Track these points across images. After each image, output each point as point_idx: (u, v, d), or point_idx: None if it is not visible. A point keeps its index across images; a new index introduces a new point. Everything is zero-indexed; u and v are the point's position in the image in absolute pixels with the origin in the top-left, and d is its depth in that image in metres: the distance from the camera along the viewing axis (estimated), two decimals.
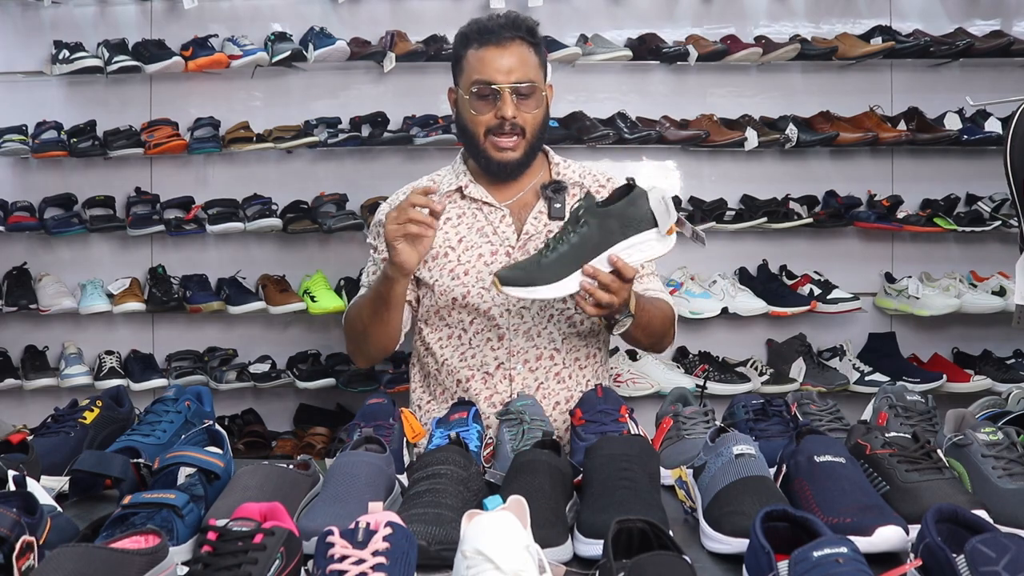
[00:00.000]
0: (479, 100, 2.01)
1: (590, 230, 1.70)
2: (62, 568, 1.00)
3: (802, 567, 1.01)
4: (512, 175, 2.09)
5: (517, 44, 2.01)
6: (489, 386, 2.06)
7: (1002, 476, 1.37)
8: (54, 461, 1.57)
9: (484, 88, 2.00)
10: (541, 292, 1.69)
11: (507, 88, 1.98)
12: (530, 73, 2.01)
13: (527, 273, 1.69)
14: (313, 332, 3.45)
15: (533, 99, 2.01)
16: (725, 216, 3.35)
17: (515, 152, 2.03)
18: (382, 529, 1.06)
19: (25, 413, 3.14)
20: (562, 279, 1.69)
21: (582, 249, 1.70)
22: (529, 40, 2.03)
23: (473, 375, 2.07)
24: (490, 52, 2.00)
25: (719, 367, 3.29)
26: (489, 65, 1.99)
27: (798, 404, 1.83)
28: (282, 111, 3.39)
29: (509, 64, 1.99)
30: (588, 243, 1.70)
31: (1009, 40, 3.27)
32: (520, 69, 1.99)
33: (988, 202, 3.33)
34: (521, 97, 2.00)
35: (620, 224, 1.70)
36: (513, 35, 2.01)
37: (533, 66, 2.03)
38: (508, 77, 1.98)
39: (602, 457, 1.40)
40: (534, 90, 2.01)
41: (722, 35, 3.37)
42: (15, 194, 3.34)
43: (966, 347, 3.43)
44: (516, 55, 2.00)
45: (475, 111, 2.02)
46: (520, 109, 2.00)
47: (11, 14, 3.42)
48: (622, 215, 1.70)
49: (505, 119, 1.98)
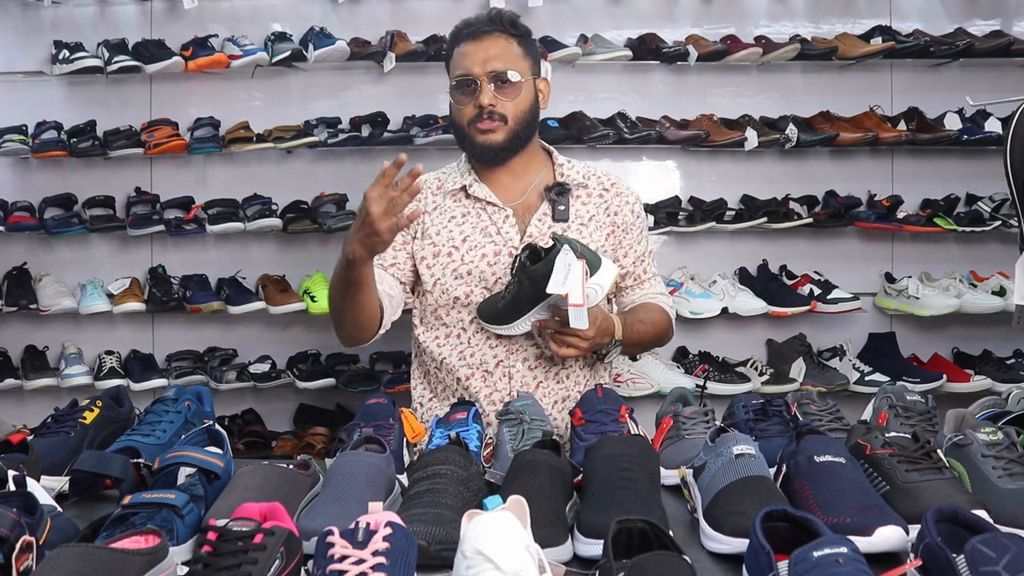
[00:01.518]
0: (460, 92, 2.05)
1: (523, 287, 1.90)
2: (62, 568, 1.00)
3: (802, 567, 1.01)
4: (498, 160, 2.08)
5: (495, 36, 2.05)
6: (489, 384, 2.06)
7: (1002, 476, 1.37)
8: (54, 461, 1.57)
9: (463, 79, 2.04)
10: (504, 330, 1.99)
11: (484, 77, 2.01)
12: (509, 62, 2.04)
13: (492, 311, 1.99)
14: (313, 332, 3.45)
15: (513, 88, 2.03)
16: (725, 216, 3.35)
17: (496, 135, 2.04)
18: (382, 529, 1.06)
19: (25, 413, 3.14)
20: (515, 321, 1.96)
21: (522, 302, 1.92)
22: (511, 32, 2.07)
23: (473, 373, 2.07)
24: (469, 46, 2.05)
25: (719, 367, 3.29)
26: (467, 58, 2.04)
27: (798, 404, 1.83)
28: (282, 111, 3.39)
29: (485, 55, 2.03)
30: (524, 297, 1.91)
31: (1009, 40, 3.27)
32: (497, 59, 2.03)
33: (988, 202, 3.33)
34: (500, 86, 2.02)
35: (534, 288, 1.88)
36: (491, 28, 2.06)
37: (513, 56, 2.05)
38: (484, 67, 2.02)
39: (602, 457, 1.40)
40: (512, 78, 2.02)
41: (722, 35, 3.37)
42: (15, 194, 3.34)
43: (966, 347, 3.43)
44: (494, 46, 2.04)
45: (458, 103, 2.07)
46: (499, 97, 2.02)
47: (11, 14, 3.42)
48: (536, 280, 1.86)
49: (483, 107, 2.01)
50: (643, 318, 2.09)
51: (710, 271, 3.38)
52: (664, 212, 3.33)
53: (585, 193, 2.14)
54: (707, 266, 3.41)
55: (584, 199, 2.14)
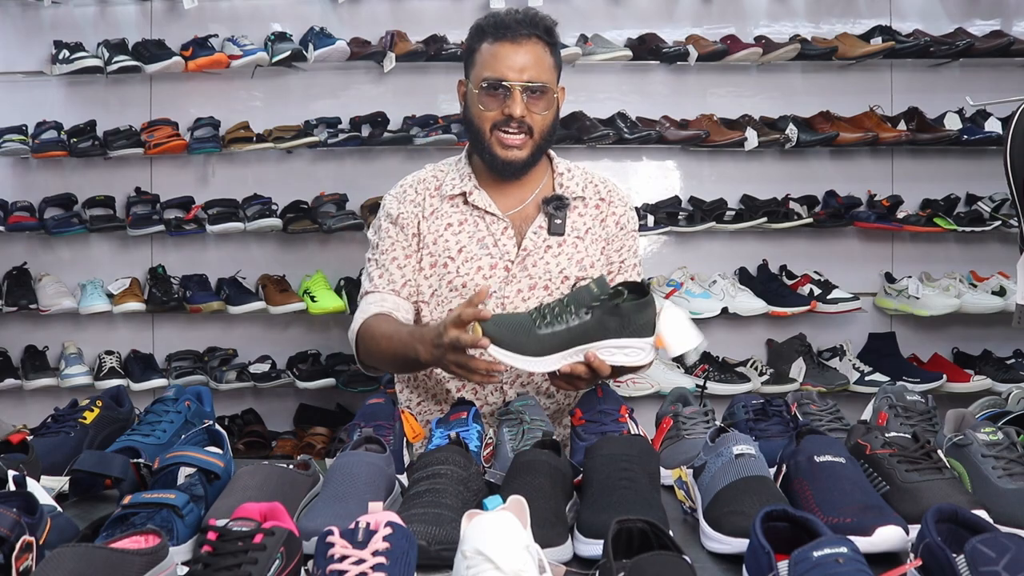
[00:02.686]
0: (488, 96, 1.94)
1: (592, 320, 1.63)
2: (62, 568, 1.00)
3: (802, 567, 1.01)
4: (516, 175, 2.02)
5: (533, 42, 1.95)
6: (480, 396, 2.03)
7: (1002, 476, 1.37)
8: (54, 461, 1.57)
9: (495, 84, 1.93)
10: (522, 363, 1.62)
11: (518, 86, 1.91)
12: (543, 74, 1.94)
13: (514, 336, 1.62)
14: (313, 332, 3.46)
15: (544, 100, 1.95)
16: (725, 216, 3.35)
17: (521, 151, 1.96)
18: (382, 529, 1.06)
19: (25, 413, 3.14)
20: (546, 356, 1.64)
21: (576, 335, 1.64)
22: (546, 40, 1.97)
23: (464, 384, 2.02)
24: (504, 48, 1.93)
25: (719, 367, 3.29)
26: (502, 61, 1.93)
27: (798, 404, 1.83)
28: (282, 111, 3.39)
29: (523, 62, 1.92)
30: (585, 331, 1.64)
31: (1009, 40, 3.27)
32: (533, 68, 1.93)
33: (988, 202, 3.33)
34: (532, 97, 1.93)
35: (620, 323, 1.64)
36: (530, 32, 1.94)
37: (547, 67, 1.96)
38: (520, 75, 1.92)
39: (602, 457, 1.40)
40: (546, 91, 1.95)
41: (722, 35, 3.37)
42: (15, 194, 3.35)
43: (966, 347, 3.43)
44: (531, 53, 1.93)
45: (483, 106, 1.95)
46: (530, 109, 1.94)
47: (11, 14, 3.42)
48: (627, 316, 1.64)
49: (513, 117, 1.92)
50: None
51: (710, 271, 3.38)
52: (664, 212, 3.33)
53: (583, 205, 2.08)
54: (707, 266, 3.41)
55: (581, 210, 2.08)
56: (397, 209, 2.07)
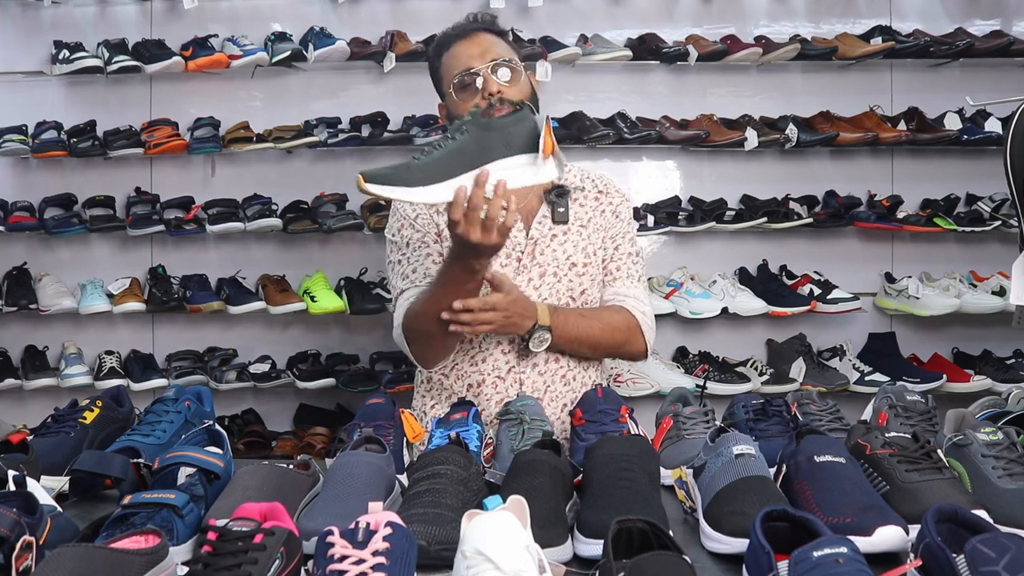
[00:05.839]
0: (464, 91, 2.03)
1: (468, 139, 1.61)
2: (62, 568, 1.00)
3: (802, 567, 1.01)
4: None
5: (482, 34, 2.07)
6: (500, 390, 2.04)
7: (1002, 476, 1.37)
8: (54, 461, 1.57)
9: (465, 76, 2.02)
10: (407, 193, 1.59)
11: (486, 67, 2.01)
12: (504, 52, 2.05)
13: (395, 172, 1.59)
14: (313, 332, 3.45)
15: (515, 74, 2.03)
16: (725, 216, 3.35)
17: None
18: (382, 529, 1.06)
19: (25, 413, 3.14)
20: (432, 184, 1.59)
21: (457, 157, 1.61)
22: (494, 30, 2.10)
23: (484, 379, 2.05)
24: (460, 46, 2.06)
25: (719, 367, 3.29)
26: (463, 56, 2.04)
27: (798, 404, 1.83)
28: (282, 111, 3.39)
29: (481, 49, 2.04)
30: (464, 152, 1.60)
31: (1009, 40, 3.27)
32: (492, 50, 2.03)
33: (988, 202, 3.33)
34: (502, 72, 2.02)
35: (501, 140, 1.61)
36: (477, 27, 2.08)
37: (505, 47, 2.07)
38: (484, 58, 2.02)
39: (602, 457, 1.40)
40: (513, 65, 2.03)
41: (722, 35, 3.37)
42: (15, 194, 3.34)
43: (966, 347, 3.43)
44: (485, 41, 2.06)
45: (462, 100, 2.03)
46: (504, 83, 2.01)
47: (11, 14, 3.42)
48: (505, 130, 1.61)
49: (492, 94, 1.99)
50: (588, 313, 2.03)
51: (710, 271, 3.38)
52: (664, 212, 3.33)
53: (583, 196, 2.14)
54: (707, 266, 3.41)
55: (582, 201, 2.14)
56: (414, 211, 2.12)
